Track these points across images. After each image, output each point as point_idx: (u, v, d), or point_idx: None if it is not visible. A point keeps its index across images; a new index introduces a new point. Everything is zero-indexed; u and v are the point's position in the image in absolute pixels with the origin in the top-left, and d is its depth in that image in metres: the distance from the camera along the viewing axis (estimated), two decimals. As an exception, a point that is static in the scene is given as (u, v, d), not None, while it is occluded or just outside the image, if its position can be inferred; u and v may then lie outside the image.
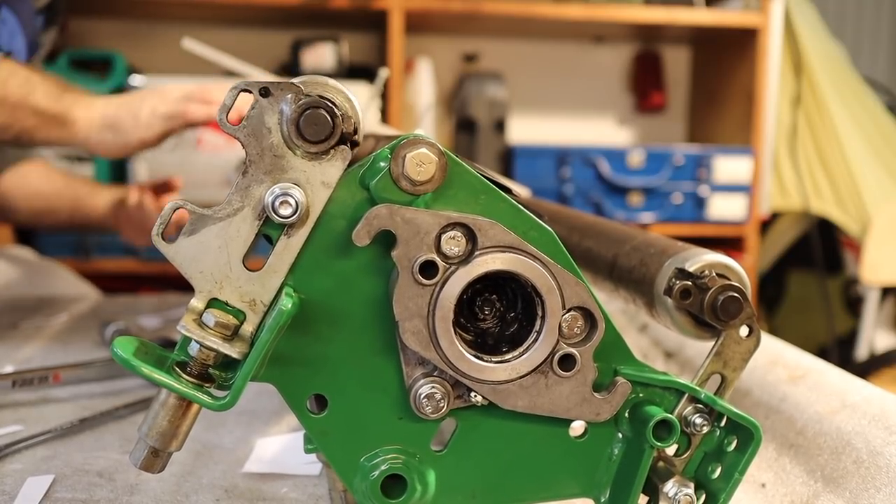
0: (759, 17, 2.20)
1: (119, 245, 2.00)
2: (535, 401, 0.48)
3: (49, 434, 0.71)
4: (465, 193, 0.47)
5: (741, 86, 2.31)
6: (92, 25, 2.23)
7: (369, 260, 0.47)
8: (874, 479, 0.57)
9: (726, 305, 0.49)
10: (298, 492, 0.61)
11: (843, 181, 2.34)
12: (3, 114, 0.97)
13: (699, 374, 0.51)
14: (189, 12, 2.18)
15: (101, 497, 0.59)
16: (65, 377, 0.84)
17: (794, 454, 0.66)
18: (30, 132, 0.99)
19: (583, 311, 0.47)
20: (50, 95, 0.99)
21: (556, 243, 0.48)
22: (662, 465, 0.51)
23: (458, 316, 0.47)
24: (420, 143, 0.45)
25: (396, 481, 0.48)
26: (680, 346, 0.95)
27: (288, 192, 0.44)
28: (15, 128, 0.98)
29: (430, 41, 2.42)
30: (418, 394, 0.47)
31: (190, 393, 0.44)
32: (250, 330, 0.46)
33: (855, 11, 3.51)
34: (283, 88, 0.44)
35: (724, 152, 2.22)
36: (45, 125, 0.99)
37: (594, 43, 2.55)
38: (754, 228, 2.26)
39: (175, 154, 2.02)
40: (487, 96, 2.23)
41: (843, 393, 0.67)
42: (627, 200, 2.19)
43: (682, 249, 0.53)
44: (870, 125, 2.42)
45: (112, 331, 1.02)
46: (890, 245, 2.25)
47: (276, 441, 0.70)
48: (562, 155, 2.15)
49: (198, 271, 0.45)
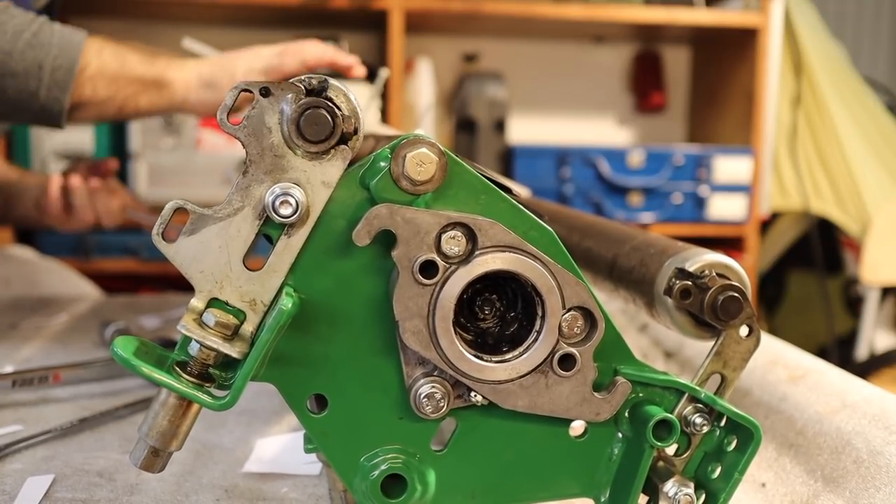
0: (759, 17, 2.20)
1: (119, 245, 2.00)
2: (536, 400, 0.48)
3: (49, 434, 0.71)
4: (466, 193, 0.47)
5: (741, 86, 2.31)
6: (92, 25, 2.21)
7: (369, 260, 0.47)
8: (874, 479, 0.57)
9: (726, 305, 0.49)
10: (298, 492, 0.61)
11: (843, 181, 2.34)
12: (105, 87, 0.97)
13: (699, 373, 0.51)
14: (189, 12, 2.18)
15: (101, 497, 0.59)
16: (65, 377, 0.84)
17: (794, 454, 0.66)
18: (132, 101, 0.99)
19: (583, 310, 0.47)
20: (143, 61, 0.99)
21: (557, 243, 0.48)
22: (662, 465, 0.51)
23: (458, 316, 0.47)
24: (420, 142, 0.45)
25: (396, 481, 0.48)
26: (680, 346, 0.95)
27: (288, 191, 0.44)
28: (118, 99, 0.98)
29: (430, 41, 2.42)
30: (418, 394, 0.47)
31: (190, 393, 0.44)
32: (250, 330, 0.46)
33: (855, 11, 3.51)
34: (284, 88, 0.44)
35: (724, 152, 2.22)
36: (144, 90, 0.99)
37: (594, 43, 2.55)
38: (754, 228, 2.26)
39: (175, 154, 2.02)
40: (487, 96, 2.23)
41: (843, 393, 0.67)
42: (627, 200, 2.19)
43: (682, 249, 0.53)
44: (870, 125, 2.42)
45: (112, 331, 1.02)
46: (890, 245, 2.25)
47: (276, 441, 0.70)
48: (562, 155, 2.15)
49: (198, 271, 0.45)
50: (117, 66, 0.97)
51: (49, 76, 0.92)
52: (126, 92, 0.98)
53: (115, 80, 0.97)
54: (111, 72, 0.97)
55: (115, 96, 0.98)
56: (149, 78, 0.99)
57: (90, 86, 0.96)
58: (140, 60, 0.99)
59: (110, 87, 0.97)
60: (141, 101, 1.00)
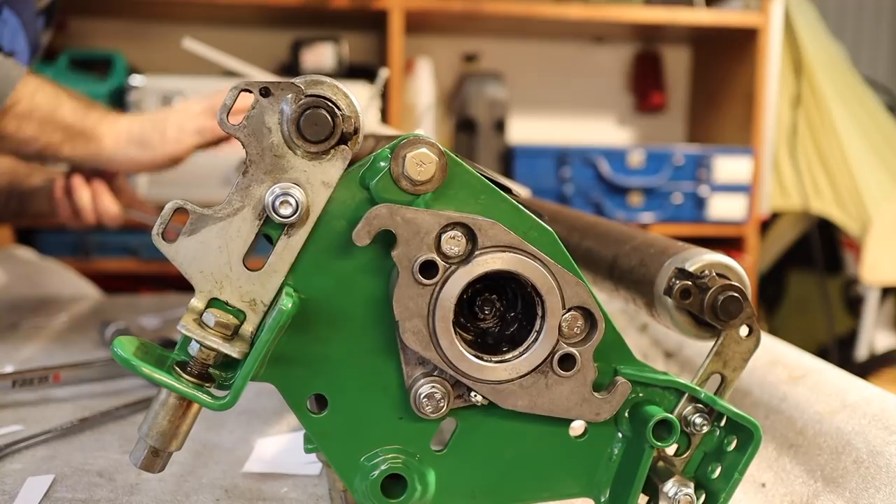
0: (759, 17, 2.20)
1: (119, 245, 2.00)
2: (535, 400, 0.48)
3: (49, 434, 0.71)
4: (466, 193, 0.47)
5: (741, 86, 2.31)
6: (92, 25, 2.23)
7: (369, 260, 0.47)
8: (874, 479, 0.57)
9: (726, 305, 0.49)
10: (298, 492, 0.61)
11: (843, 181, 2.34)
12: (30, 127, 0.96)
13: (699, 373, 0.51)
14: (189, 12, 2.18)
15: (101, 497, 0.59)
16: (65, 377, 0.84)
17: (794, 454, 0.66)
18: (55, 147, 0.99)
19: (583, 310, 0.47)
20: (77, 111, 0.99)
21: (557, 243, 0.48)
22: (662, 465, 0.51)
23: (458, 316, 0.48)
24: (420, 142, 0.45)
25: (396, 481, 0.48)
26: (680, 346, 0.95)
27: (288, 191, 0.44)
28: (41, 141, 0.98)
29: (430, 41, 2.42)
30: (418, 394, 0.47)
31: (190, 393, 0.44)
32: (250, 330, 0.46)
33: (855, 11, 3.51)
34: (284, 88, 0.44)
35: (724, 152, 2.22)
36: (70, 140, 0.99)
37: (594, 43, 2.55)
38: (754, 228, 2.26)
39: (175, 154, 2.02)
40: (487, 96, 2.23)
41: (843, 393, 0.67)
42: (627, 200, 2.19)
43: (683, 249, 0.53)
44: (870, 125, 2.42)
45: (112, 331, 1.02)
46: (890, 245, 2.25)
47: (276, 441, 0.70)
48: (562, 155, 2.15)
49: (198, 271, 0.45)
50: (48, 109, 0.97)
51: None
52: (51, 138, 0.98)
53: (43, 124, 0.97)
54: (40, 114, 0.96)
55: (39, 139, 0.97)
56: (77, 129, 0.99)
57: (15, 123, 0.95)
58: (73, 109, 0.99)
59: (36, 129, 0.97)
60: (64, 149, 0.99)
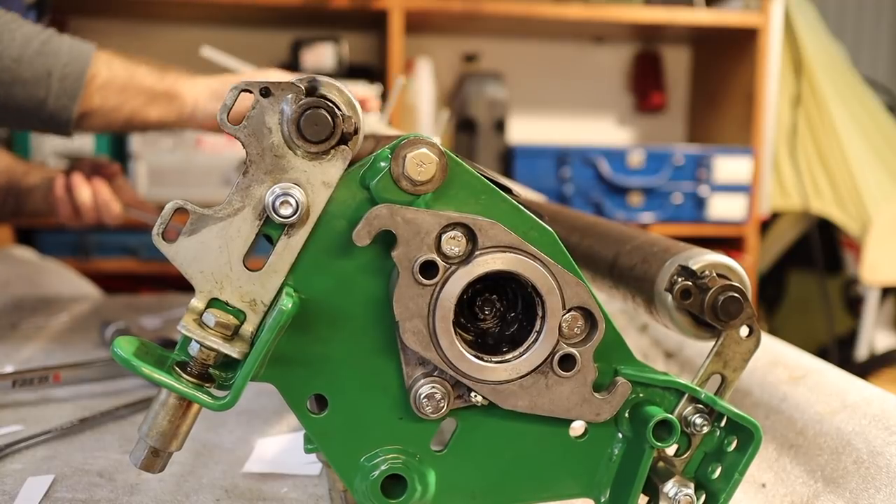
0: (759, 17, 2.20)
1: (119, 245, 2.00)
2: (536, 401, 0.48)
3: (49, 434, 0.71)
4: (466, 193, 0.47)
5: (741, 86, 2.31)
6: (92, 25, 2.23)
7: (369, 260, 0.47)
8: (874, 479, 0.57)
9: (726, 305, 0.49)
10: (298, 492, 0.61)
11: (843, 181, 2.34)
12: (114, 97, 0.97)
13: (699, 374, 0.51)
14: (189, 12, 2.18)
15: (101, 497, 0.59)
16: (65, 377, 0.84)
17: (794, 454, 0.66)
18: (141, 112, 0.99)
19: (583, 311, 0.47)
20: (152, 73, 1.00)
21: (557, 243, 0.48)
22: (662, 465, 0.51)
23: (458, 316, 0.48)
24: (420, 143, 0.45)
25: (396, 481, 0.48)
26: (680, 346, 0.95)
27: (288, 192, 0.44)
28: (126, 108, 0.98)
29: (430, 41, 2.42)
30: (418, 394, 0.47)
31: (190, 393, 0.44)
32: (250, 330, 0.46)
33: (855, 11, 3.50)
34: (284, 88, 0.44)
35: (724, 152, 2.22)
36: (154, 101, 0.99)
37: (594, 43, 2.55)
38: (754, 228, 2.26)
39: (175, 154, 2.02)
40: (487, 96, 2.23)
41: (843, 393, 0.67)
42: (627, 200, 2.19)
43: (683, 249, 0.53)
44: (870, 125, 2.42)
45: (112, 331, 1.02)
46: (890, 245, 2.25)
47: (276, 441, 0.70)
48: (562, 155, 2.15)
49: (198, 271, 0.45)
50: (127, 76, 0.98)
51: (58, 84, 0.92)
52: (135, 102, 0.99)
53: (125, 90, 0.98)
54: (120, 82, 0.97)
55: (124, 106, 0.98)
56: (159, 90, 0.99)
57: (99, 95, 0.96)
58: (148, 72, 1.00)
59: (119, 97, 0.97)
60: (150, 112, 1.00)
